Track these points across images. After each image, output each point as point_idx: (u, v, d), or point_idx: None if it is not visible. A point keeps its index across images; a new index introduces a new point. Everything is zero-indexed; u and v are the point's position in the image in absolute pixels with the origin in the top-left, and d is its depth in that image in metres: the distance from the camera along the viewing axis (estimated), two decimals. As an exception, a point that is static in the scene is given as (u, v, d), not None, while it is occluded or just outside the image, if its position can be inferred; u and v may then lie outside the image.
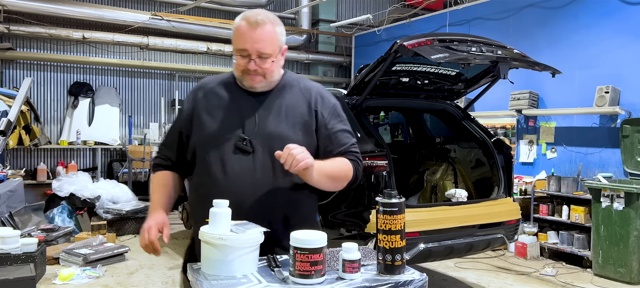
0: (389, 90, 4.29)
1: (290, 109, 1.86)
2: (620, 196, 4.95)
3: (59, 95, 8.49)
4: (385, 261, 1.50)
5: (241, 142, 1.80)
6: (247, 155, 1.80)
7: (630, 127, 5.43)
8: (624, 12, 5.70)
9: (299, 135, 1.83)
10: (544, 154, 6.47)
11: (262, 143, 1.80)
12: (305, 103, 1.89)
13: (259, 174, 1.79)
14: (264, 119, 1.83)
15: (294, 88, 1.91)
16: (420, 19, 8.56)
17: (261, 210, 1.78)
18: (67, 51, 8.40)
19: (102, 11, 8.19)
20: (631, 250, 4.88)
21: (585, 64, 6.02)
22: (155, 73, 9.18)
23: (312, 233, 1.45)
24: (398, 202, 1.50)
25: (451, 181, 4.68)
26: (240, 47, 1.76)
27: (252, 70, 1.77)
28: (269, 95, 1.88)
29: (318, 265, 1.42)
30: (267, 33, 1.75)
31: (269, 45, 1.76)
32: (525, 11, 6.83)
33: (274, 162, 1.77)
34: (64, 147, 8.20)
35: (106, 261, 5.26)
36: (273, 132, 1.81)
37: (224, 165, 1.80)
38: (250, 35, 1.74)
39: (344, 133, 1.92)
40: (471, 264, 5.53)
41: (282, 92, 1.89)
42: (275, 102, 1.87)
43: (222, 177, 1.80)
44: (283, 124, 1.83)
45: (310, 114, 1.87)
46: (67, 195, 6.73)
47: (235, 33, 1.78)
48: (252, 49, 1.75)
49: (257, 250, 1.55)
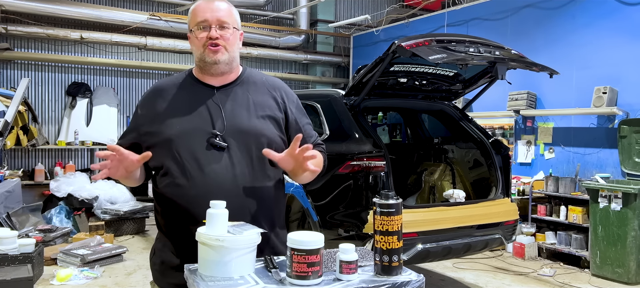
0: (387, 90, 4.30)
1: (258, 103, 1.84)
2: (617, 196, 4.96)
3: (56, 96, 8.48)
4: (382, 262, 1.50)
5: (214, 138, 1.75)
6: (221, 151, 1.75)
7: (628, 127, 5.43)
8: (622, 13, 5.71)
9: (272, 130, 1.82)
10: (542, 154, 6.48)
11: (236, 138, 1.77)
12: (272, 98, 1.88)
13: (237, 170, 1.75)
14: (233, 113, 1.79)
15: (257, 82, 1.90)
16: (419, 20, 8.57)
17: (244, 207, 1.76)
18: (65, 51, 8.39)
19: (100, 11, 8.18)
20: (629, 250, 4.89)
21: (582, 64, 6.03)
22: (153, 73, 9.17)
23: (309, 234, 1.44)
24: (395, 202, 1.49)
25: (449, 181, 4.68)
26: (200, 20, 1.79)
27: (214, 38, 1.77)
28: (233, 89, 1.84)
29: (315, 266, 1.41)
30: (225, 7, 1.81)
31: (228, 17, 1.80)
32: (523, 11, 6.84)
33: (252, 157, 1.77)
34: (62, 147, 8.19)
35: (104, 262, 5.25)
36: (246, 127, 1.79)
37: (199, 163, 1.74)
38: (209, 7, 1.79)
39: (309, 126, 1.97)
40: (469, 264, 5.53)
41: (246, 86, 1.86)
42: (241, 96, 1.83)
43: (199, 176, 1.73)
44: (254, 118, 1.81)
45: (279, 109, 1.87)
46: (64, 195, 6.73)
47: (193, 11, 1.82)
48: (211, 18, 1.78)
49: (254, 251, 1.55)
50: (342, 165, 3.61)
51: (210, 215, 1.53)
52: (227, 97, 1.83)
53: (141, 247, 6.22)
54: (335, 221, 3.74)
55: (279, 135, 1.85)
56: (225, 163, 1.75)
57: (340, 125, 3.87)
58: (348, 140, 3.74)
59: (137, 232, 6.87)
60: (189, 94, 1.83)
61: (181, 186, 1.74)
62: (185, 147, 1.75)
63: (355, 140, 3.71)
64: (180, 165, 1.75)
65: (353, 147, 3.66)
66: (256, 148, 1.78)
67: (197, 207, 1.69)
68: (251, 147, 1.78)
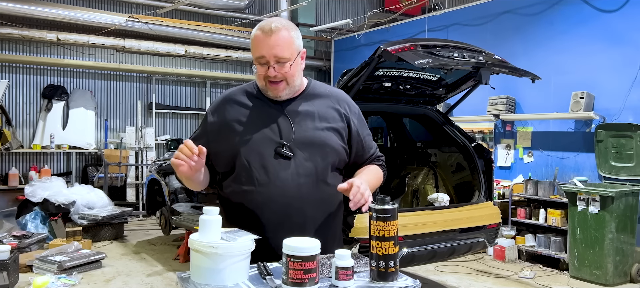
0: (370, 94, 4.30)
1: (322, 115, 1.90)
2: (595, 199, 5.05)
3: (31, 98, 8.28)
4: (378, 268, 1.49)
5: (281, 147, 1.82)
6: (287, 160, 1.82)
7: (605, 132, 5.55)
8: (598, 20, 5.84)
9: (335, 140, 1.88)
10: (521, 158, 6.58)
11: (302, 148, 1.83)
12: (335, 109, 1.93)
13: (302, 179, 1.82)
14: (299, 124, 1.85)
15: (321, 95, 1.95)
16: (400, 24, 8.63)
17: (306, 214, 1.83)
18: (40, 53, 8.21)
19: (77, 13, 8.02)
20: (606, 252, 4.98)
21: (560, 69, 6.14)
22: (131, 76, 9.03)
23: (305, 240, 1.43)
24: (391, 208, 1.49)
25: (432, 185, 4.71)
26: (258, 55, 1.78)
27: (272, 76, 1.79)
28: (298, 102, 1.90)
29: (311, 273, 1.40)
30: (283, 38, 1.77)
31: (286, 49, 1.78)
32: (502, 17, 6.94)
33: (316, 167, 1.84)
34: (37, 151, 8.00)
35: (82, 268, 5.14)
36: (311, 137, 1.85)
37: (267, 171, 1.81)
38: (266, 42, 1.76)
39: (369, 138, 2.02)
40: (451, 268, 5.57)
41: (310, 98, 1.92)
42: (306, 108, 1.89)
43: (265, 183, 1.81)
44: (319, 129, 1.87)
45: (342, 120, 1.93)
46: (40, 200, 6.56)
47: (252, 43, 1.81)
48: (269, 55, 1.77)
49: (248, 258, 1.53)
50: (327, 169, 3.59)
51: (203, 221, 1.50)
52: (293, 109, 1.88)
53: (120, 252, 6.10)
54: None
55: (342, 145, 1.91)
56: (291, 172, 1.82)
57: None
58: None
59: (115, 237, 6.74)
60: (258, 105, 1.89)
61: (248, 192, 1.82)
62: (253, 155, 1.82)
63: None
64: (247, 172, 1.82)
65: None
66: (321, 159, 1.86)
67: (263, 213, 1.81)
68: (316, 157, 1.85)
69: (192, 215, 5.48)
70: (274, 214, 1.80)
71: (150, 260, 5.79)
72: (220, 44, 9.18)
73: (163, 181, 6.05)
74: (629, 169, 5.36)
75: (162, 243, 6.63)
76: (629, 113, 5.48)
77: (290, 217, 1.80)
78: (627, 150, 5.36)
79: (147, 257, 5.91)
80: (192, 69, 9.38)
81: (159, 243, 6.60)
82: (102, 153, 8.21)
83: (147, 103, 9.16)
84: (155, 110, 9.08)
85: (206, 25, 9.16)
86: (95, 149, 8.38)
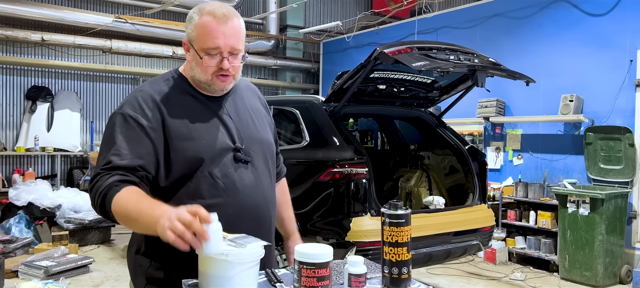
0: (365, 97, 4.28)
1: (255, 111, 1.79)
2: (585, 202, 5.09)
3: (15, 100, 8.10)
4: (391, 274, 1.46)
5: (238, 152, 1.65)
6: (246, 165, 1.67)
7: (593, 134, 5.61)
8: (586, 23, 5.90)
9: (272, 137, 1.83)
10: (510, 161, 6.61)
11: (255, 149, 1.70)
12: (260, 103, 1.86)
13: (263, 183, 1.72)
14: (242, 123, 1.71)
15: (242, 87, 1.80)
16: (389, 27, 8.63)
17: (270, 220, 1.75)
18: (24, 53, 8.04)
19: (62, 13, 7.88)
20: (596, 254, 5.03)
21: (550, 72, 6.19)
22: (118, 77, 8.90)
23: (318, 247, 1.39)
24: (404, 213, 1.46)
25: (425, 188, 4.70)
26: (211, 46, 1.55)
27: (225, 69, 1.58)
28: (230, 97, 1.72)
29: (325, 280, 1.36)
30: (237, 27, 1.60)
31: (240, 40, 1.60)
32: (491, 20, 6.98)
33: (269, 168, 1.76)
34: (21, 153, 7.82)
35: (69, 273, 5.04)
36: (258, 137, 1.74)
37: (232, 181, 1.63)
38: (221, 30, 1.55)
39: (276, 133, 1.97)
40: (443, 270, 5.58)
41: (238, 93, 1.76)
42: (240, 104, 1.74)
43: (233, 193, 1.63)
44: (260, 127, 1.77)
45: (268, 114, 1.88)
46: (25, 204, 6.43)
47: (202, 30, 1.56)
48: (224, 46, 1.56)
49: (257, 265, 1.48)
50: (323, 172, 3.57)
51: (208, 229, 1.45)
52: (231, 106, 1.72)
53: (108, 257, 6.00)
54: (316, 229, 3.69)
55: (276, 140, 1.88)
56: (253, 178, 1.68)
57: (320, 131, 3.83)
58: (329, 147, 3.71)
59: (102, 241, 6.62)
60: (199, 106, 1.66)
61: (214, 205, 1.54)
62: (215, 165, 1.60)
63: (336, 147, 3.67)
64: (211, 184, 1.60)
65: (334, 154, 3.63)
66: (270, 158, 1.78)
67: (236, 225, 1.55)
68: (267, 157, 1.76)
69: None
70: (248, 223, 1.62)
71: (139, 265, 5.69)
72: (209, 45, 9.08)
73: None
74: (617, 171, 5.41)
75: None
76: (617, 116, 5.55)
77: (262, 223, 1.68)
78: (616, 152, 5.42)
79: (136, 261, 5.82)
80: (179, 70, 9.26)
81: (147, 247, 6.50)
82: (88, 155, 8.06)
83: (134, 105, 9.02)
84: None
85: (194, 26, 9.06)
86: (81, 151, 8.23)
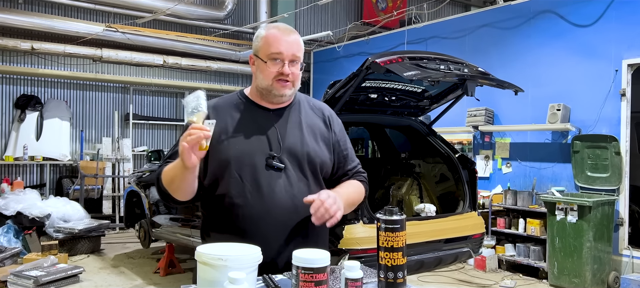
0: (356, 106, 4.32)
1: (310, 125, 1.89)
2: (573, 209, 5.17)
3: (4, 108, 8.05)
4: (387, 279, 1.49)
5: (271, 159, 1.79)
6: (279, 172, 1.79)
7: (581, 143, 5.70)
8: (573, 33, 6.01)
9: (324, 151, 1.88)
10: (499, 169, 6.69)
11: (292, 159, 1.82)
12: (321, 120, 1.94)
13: (295, 190, 1.79)
14: (288, 135, 1.84)
15: (305, 105, 1.95)
16: (379, 37, 8.72)
17: (302, 226, 1.80)
18: (14, 62, 8.01)
19: (53, 22, 7.87)
20: (584, 260, 5.09)
21: (537, 82, 6.29)
22: (108, 86, 8.88)
23: (315, 252, 1.42)
24: (400, 218, 1.49)
25: (416, 196, 4.75)
26: (275, 51, 1.77)
27: (286, 74, 1.78)
28: (286, 111, 1.88)
29: (323, 285, 1.38)
30: (298, 39, 1.83)
31: (300, 50, 1.82)
32: (480, 31, 7.08)
33: (307, 178, 1.83)
34: (9, 163, 7.77)
35: (59, 283, 4.99)
36: (300, 148, 1.83)
37: (259, 184, 1.77)
38: (285, 39, 1.78)
39: (352, 152, 2.02)
40: (433, 277, 5.61)
41: (297, 108, 1.91)
42: (294, 118, 1.88)
43: (258, 196, 1.77)
44: (307, 139, 1.85)
45: (328, 131, 1.93)
46: (13, 213, 6.37)
47: (267, 40, 1.79)
48: (287, 52, 1.77)
49: (255, 271, 1.51)
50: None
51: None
52: (282, 119, 1.86)
53: (98, 266, 5.96)
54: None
55: (329, 156, 1.91)
56: (283, 184, 1.79)
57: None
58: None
59: (92, 251, 6.58)
60: (246, 116, 1.85)
61: (240, 205, 1.77)
62: (244, 168, 1.77)
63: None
64: (239, 185, 1.77)
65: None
66: (310, 169, 1.84)
67: (255, 227, 1.75)
68: (305, 167, 1.83)
69: (172, 228, 5.39)
70: (273, 224, 1.78)
71: (130, 274, 5.66)
72: (199, 54, 9.11)
73: (143, 193, 5.94)
74: (604, 179, 5.50)
75: (141, 256, 6.50)
76: (604, 124, 5.65)
77: (285, 229, 1.78)
78: (603, 160, 5.51)
79: (126, 271, 5.79)
80: (170, 79, 9.28)
81: (137, 257, 6.46)
82: (78, 164, 8.03)
83: (124, 113, 9.01)
84: (132, 121, 8.94)
85: (185, 35, 9.09)
86: (71, 161, 8.19)
